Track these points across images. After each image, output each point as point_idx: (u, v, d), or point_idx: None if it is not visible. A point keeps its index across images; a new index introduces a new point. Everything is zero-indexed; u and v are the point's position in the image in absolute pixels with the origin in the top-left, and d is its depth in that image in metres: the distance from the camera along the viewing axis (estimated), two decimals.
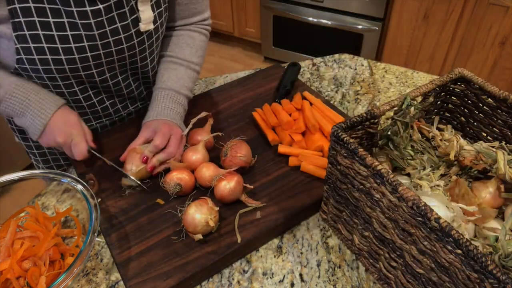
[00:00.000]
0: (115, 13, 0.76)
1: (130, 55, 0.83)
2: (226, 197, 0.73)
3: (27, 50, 0.72)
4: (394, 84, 1.10)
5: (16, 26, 0.70)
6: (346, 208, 0.67)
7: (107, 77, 0.85)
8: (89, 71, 0.80)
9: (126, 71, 0.88)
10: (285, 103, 0.91)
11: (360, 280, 0.68)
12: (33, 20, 0.70)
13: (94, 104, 0.90)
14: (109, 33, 0.76)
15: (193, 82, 0.94)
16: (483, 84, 0.70)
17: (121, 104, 0.95)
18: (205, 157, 0.81)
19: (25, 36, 0.71)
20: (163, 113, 0.85)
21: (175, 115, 0.86)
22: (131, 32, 0.80)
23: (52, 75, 0.77)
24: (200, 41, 0.97)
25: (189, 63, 0.93)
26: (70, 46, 0.74)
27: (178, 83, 0.90)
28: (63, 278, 0.58)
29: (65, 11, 0.71)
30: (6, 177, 0.72)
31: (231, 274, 0.70)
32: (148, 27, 0.82)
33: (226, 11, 2.90)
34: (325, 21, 2.47)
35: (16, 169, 2.04)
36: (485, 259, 0.44)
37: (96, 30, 0.74)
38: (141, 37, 0.82)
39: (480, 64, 2.17)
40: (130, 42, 0.81)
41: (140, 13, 0.79)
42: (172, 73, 0.91)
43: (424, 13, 2.16)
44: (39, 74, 0.76)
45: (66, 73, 0.78)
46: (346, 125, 0.63)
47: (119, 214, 0.75)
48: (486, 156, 0.65)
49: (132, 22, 0.79)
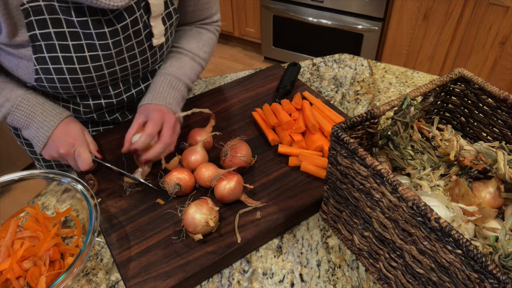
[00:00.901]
0: (131, 31, 0.77)
1: (143, 67, 0.85)
2: (226, 197, 0.73)
3: (46, 70, 0.73)
4: (394, 84, 1.10)
5: (36, 49, 0.71)
6: (346, 208, 0.67)
7: (121, 91, 0.87)
8: (105, 85, 0.82)
9: (138, 84, 0.90)
10: (285, 103, 0.91)
11: (360, 280, 0.68)
12: (53, 43, 0.71)
13: (104, 115, 0.92)
14: (124, 50, 0.78)
15: (195, 74, 0.93)
16: (483, 84, 0.70)
17: (131, 115, 0.97)
18: (204, 157, 0.81)
19: (44, 58, 0.72)
20: (158, 97, 0.83)
21: (171, 100, 0.84)
22: (144, 47, 0.81)
23: (69, 92, 0.79)
24: (207, 37, 0.96)
25: (194, 55, 0.93)
26: (88, 65, 0.75)
27: (180, 70, 0.89)
28: (63, 278, 0.58)
29: (84, 33, 0.72)
30: (6, 177, 0.72)
31: (231, 274, 0.70)
32: (160, 41, 0.83)
33: (226, 11, 2.90)
34: (325, 21, 2.47)
35: (16, 169, 2.04)
36: (485, 259, 0.44)
37: (113, 49, 0.76)
38: (153, 50, 0.84)
39: (480, 64, 2.17)
40: (144, 55, 0.82)
41: (153, 28, 0.80)
42: (175, 61, 0.91)
43: (424, 13, 2.16)
44: (56, 90, 0.78)
45: (83, 89, 0.79)
46: (346, 125, 0.63)
47: (119, 214, 0.75)
48: (486, 156, 0.65)
49: (145, 37, 0.80)
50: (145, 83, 0.91)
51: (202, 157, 0.80)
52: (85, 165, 0.78)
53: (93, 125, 0.96)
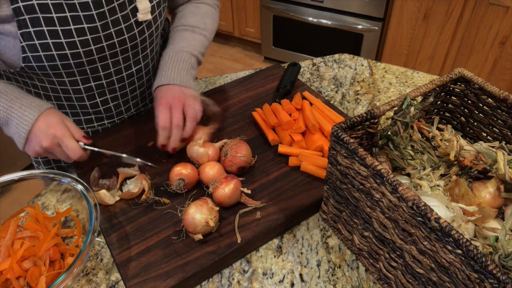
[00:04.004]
0: (116, 3, 0.77)
1: (132, 46, 0.84)
2: (223, 203, 0.73)
3: (33, 47, 0.72)
4: (394, 84, 1.10)
5: (21, 24, 0.70)
6: (346, 208, 0.67)
7: (111, 72, 0.85)
8: (94, 65, 0.81)
9: (130, 67, 0.89)
10: (285, 103, 0.91)
11: (360, 280, 0.68)
12: (37, 16, 0.70)
13: (97, 104, 0.90)
14: (110, 24, 0.77)
15: (199, 43, 0.93)
16: (483, 84, 0.70)
17: (124, 106, 0.95)
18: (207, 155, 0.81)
19: (30, 33, 0.71)
20: (169, 76, 0.85)
21: (182, 73, 0.86)
22: (131, 22, 0.81)
23: (58, 71, 0.78)
24: (205, 10, 0.96)
25: (194, 28, 0.93)
26: (74, 40, 0.74)
27: (181, 43, 0.90)
28: (63, 278, 0.58)
29: (67, 4, 0.72)
30: (6, 177, 0.72)
31: (231, 274, 0.70)
32: (146, 17, 0.83)
33: (226, 11, 2.90)
34: (325, 21, 2.47)
35: (16, 169, 2.04)
36: (485, 259, 0.44)
37: (98, 22, 0.75)
38: (141, 27, 0.83)
39: (480, 64, 2.17)
40: (131, 32, 0.82)
41: (138, 3, 0.80)
42: (176, 38, 0.92)
43: (424, 13, 2.16)
44: (45, 71, 0.76)
45: (71, 68, 0.78)
46: (346, 125, 0.63)
47: (119, 214, 0.75)
48: (486, 156, 0.65)
49: (131, 12, 0.80)
50: (137, 66, 0.90)
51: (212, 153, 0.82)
52: (74, 154, 0.74)
53: (88, 122, 0.94)
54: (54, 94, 0.85)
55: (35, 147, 0.74)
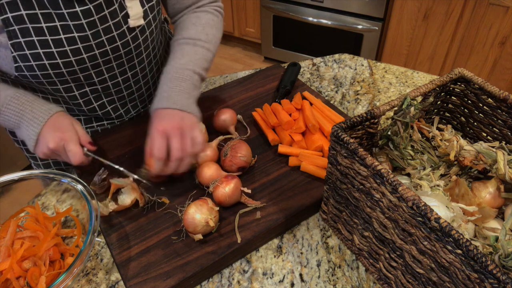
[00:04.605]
0: (107, 11, 0.76)
1: (126, 52, 0.83)
2: (224, 202, 0.73)
3: (24, 57, 0.72)
4: (394, 84, 1.10)
5: (11, 35, 0.70)
6: (346, 208, 0.67)
7: (106, 78, 0.84)
8: (87, 72, 0.80)
9: (125, 72, 0.87)
10: (285, 103, 0.91)
11: (360, 280, 0.68)
12: (27, 26, 0.70)
13: (95, 109, 0.89)
14: (101, 32, 0.76)
15: (202, 58, 0.86)
16: (483, 84, 0.70)
17: (123, 108, 0.94)
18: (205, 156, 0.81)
19: (20, 43, 0.71)
20: (168, 99, 0.78)
21: (183, 96, 0.79)
22: (123, 29, 0.79)
23: (51, 79, 0.77)
24: (207, 19, 0.90)
25: (195, 41, 0.87)
26: (65, 49, 0.74)
27: (183, 59, 0.84)
28: (63, 278, 0.58)
29: (56, 14, 0.71)
30: (6, 177, 0.72)
31: (231, 274, 0.70)
32: (138, 23, 0.81)
33: (226, 11, 2.90)
34: (325, 21, 2.47)
35: (16, 169, 2.04)
36: (485, 259, 0.44)
37: (88, 31, 0.74)
38: (133, 33, 0.82)
39: (480, 64, 2.17)
40: (124, 39, 0.80)
41: (128, 9, 0.79)
42: (177, 53, 0.86)
43: (424, 13, 2.16)
44: (38, 79, 0.76)
45: (64, 76, 0.78)
46: (346, 125, 0.63)
47: (119, 214, 0.75)
48: (486, 156, 0.65)
49: (123, 18, 0.79)
50: (132, 71, 0.88)
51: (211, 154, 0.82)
52: (75, 159, 0.74)
53: (87, 122, 0.94)
54: (53, 97, 0.86)
55: (43, 149, 0.76)
